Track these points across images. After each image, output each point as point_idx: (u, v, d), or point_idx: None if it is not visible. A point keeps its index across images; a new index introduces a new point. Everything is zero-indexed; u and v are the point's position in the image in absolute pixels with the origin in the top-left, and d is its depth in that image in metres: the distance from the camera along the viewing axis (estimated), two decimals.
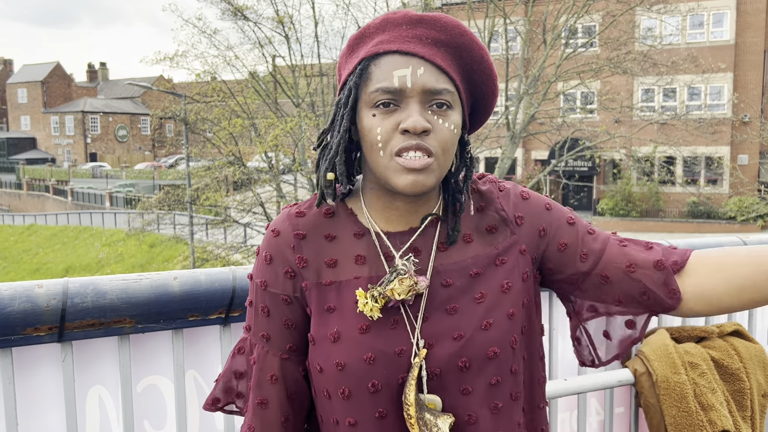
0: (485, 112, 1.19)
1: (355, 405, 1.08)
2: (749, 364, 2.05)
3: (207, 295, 1.51)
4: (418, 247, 1.14)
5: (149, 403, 1.56)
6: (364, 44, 1.11)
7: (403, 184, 1.05)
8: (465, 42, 1.10)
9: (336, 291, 1.12)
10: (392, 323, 1.09)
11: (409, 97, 1.06)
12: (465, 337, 1.08)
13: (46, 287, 1.40)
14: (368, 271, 1.12)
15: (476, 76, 1.12)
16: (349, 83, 1.10)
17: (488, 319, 1.09)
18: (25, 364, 1.44)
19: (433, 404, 1.07)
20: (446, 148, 1.07)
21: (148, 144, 64.93)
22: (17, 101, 64.85)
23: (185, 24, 18.10)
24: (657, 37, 20.75)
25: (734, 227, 24.70)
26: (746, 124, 26.01)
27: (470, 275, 1.12)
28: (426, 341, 1.08)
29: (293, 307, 1.14)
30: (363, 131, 1.08)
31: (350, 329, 1.09)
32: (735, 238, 2.25)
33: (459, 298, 1.11)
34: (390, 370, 1.07)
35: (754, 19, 26.47)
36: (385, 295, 1.07)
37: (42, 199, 42.94)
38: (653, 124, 20.09)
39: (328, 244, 1.15)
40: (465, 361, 1.07)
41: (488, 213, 1.18)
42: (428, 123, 1.05)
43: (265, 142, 16.15)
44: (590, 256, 1.18)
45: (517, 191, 1.21)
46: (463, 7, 17.71)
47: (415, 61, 1.06)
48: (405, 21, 1.09)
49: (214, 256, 18.21)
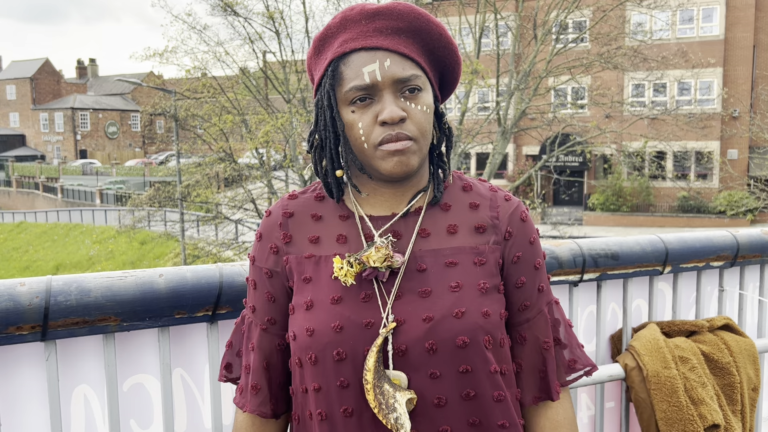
0: (454, 81, 1.26)
1: (320, 371, 1.13)
2: (739, 358, 2.06)
3: (193, 293, 1.49)
4: (399, 230, 1.19)
5: (135, 402, 1.54)
6: (329, 45, 1.18)
7: (390, 167, 1.12)
8: (422, 24, 1.16)
9: (314, 264, 1.18)
10: (364, 297, 1.13)
11: (381, 90, 1.13)
12: (434, 319, 1.10)
13: (28, 285, 1.38)
14: (348, 250, 1.18)
15: (439, 52, 1.19)
16: (325, 86, 1.17)
17: (461, 308, 1.11)
18: (7, 364, 1.42)
19: (398, 380, 1.08)
20: (423, 129, 1.15)
21: (139, 141, 64.62)
22: (6, 98, 64.39)
23: (175, 20, 18.03)
24: (647, 32, 20.81)
25: (724, 221, 24.84)
26: (736, 118, 26.15)
27: (446, 263, 1.15)
28: (396, 317, 1.11)
29: (274, 281, 1.22)
30: (346, 127, 1.16)
31: (323, 298, 1.14)
32: (725, 232, 2.25)
33: (433, 283, 1.14)
34: (356, 341, 1.11)
35: (744, 14, 26.58)
36: (360, 260, 1.11)
37: (32, 196, 42.68)
38: (644, 119, 20.16)
39: (314, 223, 1.22)
40: (432, 344, 1.09)
41: (481, 213, 1.21)
42: (403, 111, 1.12)
43: (256, 138, 16.10)
44: (528, 311, 1.22)
45: (520, 209, 1.24)
46: (454, 3, 17.69)
47: (380, 55, 1.13)
48: (363, 16, 1.15)
49: (206, 253, 18.15)
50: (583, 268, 1.95)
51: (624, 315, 2.10)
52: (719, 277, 2.28)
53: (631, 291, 2.10)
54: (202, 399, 1.60)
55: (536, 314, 1.22)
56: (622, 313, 2.11)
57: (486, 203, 1.22)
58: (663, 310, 2.21)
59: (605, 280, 2.03)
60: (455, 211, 1.20)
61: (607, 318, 2.11)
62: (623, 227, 26.25)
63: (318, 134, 1.20)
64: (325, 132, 1.17)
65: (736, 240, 2.21)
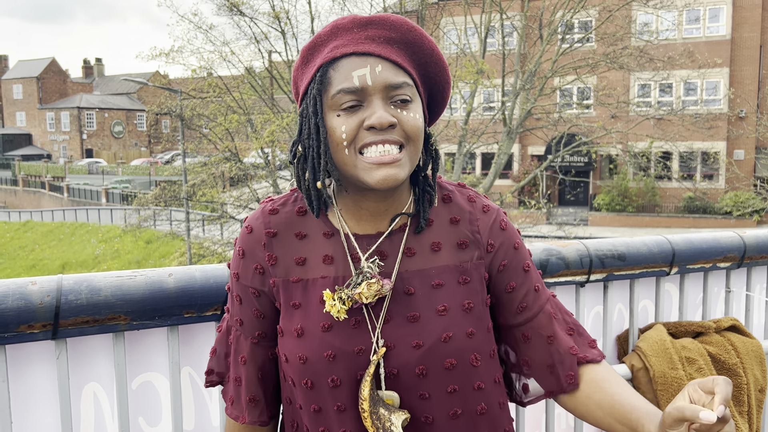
0: (442, 102, 1.22)
1: (317, 395, 1.14)
2: (746, 359, 2.05)
3: (202, 292, 1.50)
4: (384, 251, 1.17)
5: (144, 401, 1.55)
6: (318, 53, 1.13)
7: (376, 180, 1.07)
8: (415, 37, 1.13)
9: (302, 288, 1.16)
10: (354, 323, 1.12)
11: (371, 95, 1.08)
12: (424, 347, 1.11)
13: (39, 284, 1.39)
14: (335, 271, 1.15)
15: (430, 68, 1.16)
16: (311, 92, 1.11)
17: (448, 332, 1.12)
18: (19, 362, 1.43)
19: (391, 400, 1.12)
20: (415, 137, 1.10)
21: (144, 140, 64.77)
22: (12, 97, 64.61)
23: (181, 19, 18.08)
24: (653, 33, 20.74)
25: (730, 222, 24.75)
26: (742, 119, 26.05)
27: (432, 285, 1.15)
28: (386, 342, 1.12)
29: (262, 299, 1.20)
30: (328, 133, 1.10)
31: (313, 326, 1.13)
32: (732, 233, 2.24)
33: (420, 307, 1.14)
34: (349, 367, 1.11)
35: (750, 14, 26.48)
36: (352, 298, 1.10)
37: (38, 195, 42.81)
38: (649, 120, 20.10)
39: (299, 242, 1.18)
40: (423, 369, 1.12)
41: (462, 228, 1.20)
42: (393, 118, 1.07)
43: (262, 138, 16.12)
44: (525, 311, 1.22)
45: (499, 218, 1.23)
46: (460, 3, 17.69)
47: (372, 60, 1.09)
48: (355, 25, 1.12)
49: (211, 252, 18.18)
50: (590, 269, 1.95)
51: (630, 316, 2.10)
52: (726, 278, 2.28)
53: (638, 292, 2.10)
54: (210, 398, 1.61)
55: (537, 312, 1.23)
56: (628, 313, 2.11)
57: (466, 217, 1.21)
58: (669, 311, 2.21)
59: (612, 280, 2.03)
60: (437, 227, 1.19)
61: (614, 319, 2.11)
62: (629, 228, 26.19)
63: (301, 144, 1.14)
64: (309, 140, 1.12)
65: (743, 241, 2.21)
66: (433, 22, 18.00)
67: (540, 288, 1.24)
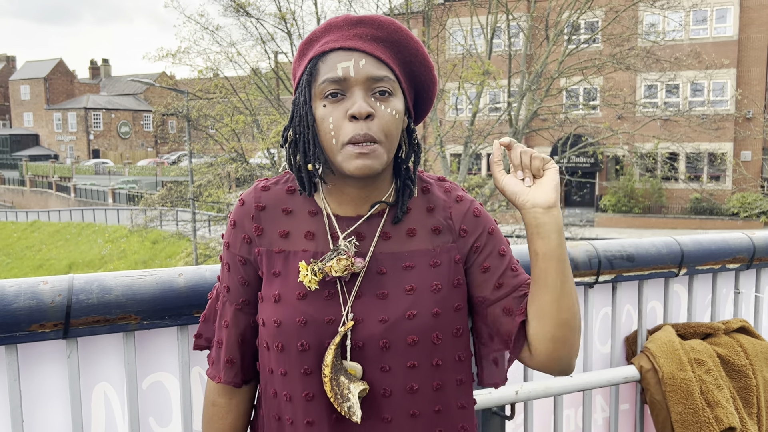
0: (428, 100, 1.32)
1: (286, 358, 1.23)
2: (755, 360, 2.05)
3: None
4: (362, 232, 1.27)
5: (155, 400, 1.56)
6: (312, 47, 1.25)
7: (353, 168, 1.17)
8: (401, 37, 1.23)
9: (284, 259, 1.26)
10: (328, 295, 1.23)
11: (353, 86, 1.18)
12: (389, 321, 1.21)
13: (51, 284, 1.40)
14: (315, 247, 1.26)
15: (415, 67, 1.26)
16: (302, 82, 1.23)
17: (413, 311, 1.22)
18: (30, 361, 1.44)
19: (354, 371, 1.21)
20: (389, 132, 1.20)
21: (151, 140, 64.94)
22: (20, 98, 64.89)
23: (188, 20, 18.10)
24: (660, 33, 20.69)
25: (737, 223, 24.65)
26: (749, 120, 25.94)
27: (403, 267, 1.25)
28: (355, 316, 1.22)
29: (247, 268, 1.30)
30: (317, 121, 1.21)
31: (290, 294, 1.24)
32: (741, 234, 2.24)
33: (390, 286, 1.24)
34: (318, 335, 1.22)
35: (758, 14, 26.37)
36: (323, 270, 1.21)
37: (45, 195, 42.97)
38: (656, 120, 20.04)
39: (285, 217, 1.29)
40: (386, 342, 1.21)
41: (436, 216, 1.30)
42: (371, 108, 1.17)
43: (268, 138, 16.14)
44: (503, 287, 1.29)
45: (473, 207, 1.32)
46: (466, 4, 17.68)
47: (357, 55, 1.20)
48: (346, 23, 1.23)
49: (217, 253, 18.21)
50: (599, 270, 1.95)
51: (639, 317, 2.10)
52: (735, 279, 2.27)
53: (647, 293, 2.10)
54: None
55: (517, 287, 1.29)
56: (637, 314, 2.11)
57: (440, 205, 1.31)
58: (678, 312, 2.20)
59: (620, 281, 2.03)
60: (414, 215, 1.29)
61: (622, 320, 2.10)
62: (635, 229, 26.11)
63: (293, 129, 1.25)
64: (300, 127, 1.23)
65: (752, 242, 2.21)
66: (440, 22, 18.00)
67: (517, 268, 1.32)
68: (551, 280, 1.21)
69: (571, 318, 1.22)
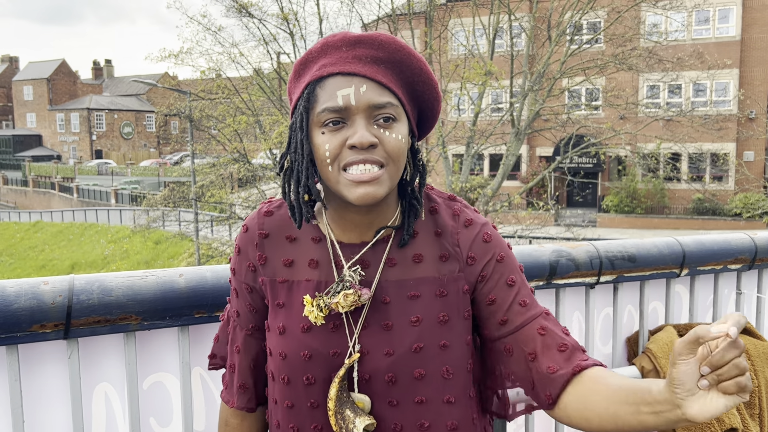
0: (432, 118, 1.25)
1: (292, 391, 1.20)
2: (757, 361, 2.04)
3: (213, 292, 1.51)
4: (367, 260, 1.21)
5: (155, 401, 1.56)
6: (308, 69, 1.17)
7: (355, 197, 1.11)
8: (403, 57, 1.15)
9: (287, 289, 1.22)
10: (332, 327, 1.18)
11: (354, 114, 1.11)
12: (394, 355, 1.16)
13: (51, 284, 1.40)
14: (319, 276, 1.21)
15: (418, 87, 1.18)
16: (299, 108, 1.15)
17: (419, 343, 1.16)
18: (31, 361, 1.44)
19: (362, 403, 1.16)
20: (396, 157, 1.13)
21: (153, 141, 65.02)
22: (23, 98, 65.01)
23: (190, 21, 18.12)
24: (662, 33, 20.65)
25: (740, 224, 24.60)
26: (752, 120, 25.90)
27: (408, 296, 1.18)
28: (361, 348, 1.17)
29: (254, 295, 1.28)
30: (313, 149, 1.14)
31: (294, 326, 1.20)
32: (743, 235, 2.23)
33: (394, 317, 1.18)
34: (324, 368, 1.18)
35: (761, 14, 26.33)
36: (329, 306, 1.16)
37: (48, 196, 43.03)
38: (658, 121, 20.00)
39: (288, 244, 1.25)
40: (392, 377, 1.16)
41: (443, 242, 1.22)
42: (374, 137, 1.10)
43: (270, 139, 16.16)
44: (507, 325, 1.20)
45: (482, 232, 1.23)
46: (468, 4, 17.67)
47: (357, 80, 1.12)
48: (344, 43, 1.15)
49: (219, 253, 18.23)
50: (600, 271, 1.95)
51: (640, 317, 2.09)
52: (737, 279, 2.27)
53: (648, 293, 2.09)
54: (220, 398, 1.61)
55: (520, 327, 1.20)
56: (638, 315, 2.11)
57: (448, 231, 1.23)
58: (680, 313, 2.20)
59: (622, 282, 2.02)
60: (421, 240, 1.22)
61: (624, 320, 2.10)
62: (637, 229, 26.08)
63: (289, 156, 1.18)
64: (295, 154, 1.16)
65: (754, 243, 2.20)
66: (442, 23, 17.99)
67: (527, 303, 1.22)
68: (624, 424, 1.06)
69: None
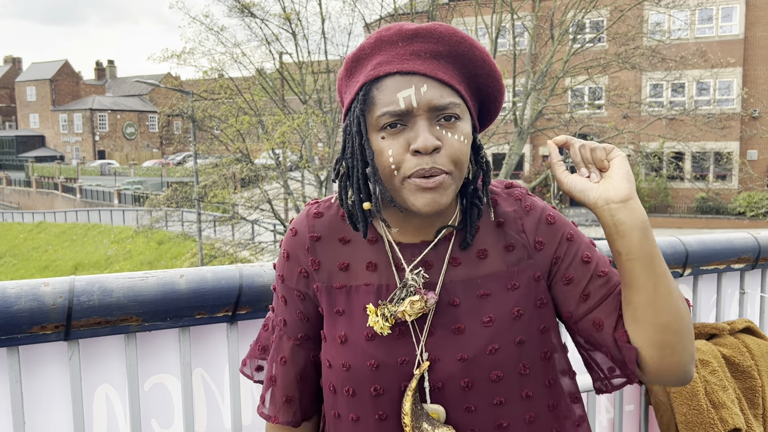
0: (495, 111, 1.18)
1: (358, 404, 1.13)
2: (761, 361, 2.03)
3: (214, 293, 1.50)
4: (429, 260, 1.14)
5: (156, 402, 1.56)
6: (362, 67, 1.10)
7: (421, 204, 1.05)
8: (464, 49, 1.08)
9: (346, 295, 1.15)
10: (398, 333, 1.11)
11: (416, 116, 1.04)
12: (468, 359, 1.09)
13: (52, 285, 1.40)
14: (378, 279, 1.14)
15: (481, 80, 1.12)
16: (354, 110, 1.08)
17: (494, 344, 1.10)
18: (31, 363, 1.44)
19: (437, 414, 1.10)
20: (459, 161, 1.06)
21: (156, 141, 65.11)
22: (26, 99, 65.15)
23: (192, 21, 18.15)
24: (665, 32, 20.63)
25: (743, 223, 24.55)
26: (756, 119, 25.84)
27: (478, 295, 1.12)
28: (429, 354, 1.10)
29: (306, 302, 1.20)
30: (375, 155, 1.07)
31: (357, 334, 1.12)
32: (746, 234, 2.22)
33: (465, 319, 1.11)
34: (392, 378, 1.10)
35: (764, 13, 26.27)
36: (395, 315, 1.09)
37: (51, 196, 43.11)
38: (662, 120, 19.97)
39: (342, 247, 1.17)
40: (468, 382, 1.10)
41: (508, 231, 1.16)
42: (438, 140, 1.04)
43: (273, 139, 16.17)
44: (591, 298, 1.14)
45: (544, 214, 1.18)
46: (471, 3, 17.66)
47: (417, 80, 1.04)
48: (400, 38, 1.07)
49: (222, 253, 18.25)
50: None
51: None
52: (740, 279, 2.26)
53: None
54: (222, 399, 1.61)
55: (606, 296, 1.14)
56: None
57: (510, 218, 1.17)
58: None
59: None
60: (483, 233, 1.16)
61: None
62: None
63: (345, 162, 1.11)
64: (353, 160, 1.09)
65: (757, 242, 2.19)
66: (444, 22, 17.98)
67: (607, 272, 1.16)
68: (641, 282, 1.05)
69: (672, 321, 1.06)
